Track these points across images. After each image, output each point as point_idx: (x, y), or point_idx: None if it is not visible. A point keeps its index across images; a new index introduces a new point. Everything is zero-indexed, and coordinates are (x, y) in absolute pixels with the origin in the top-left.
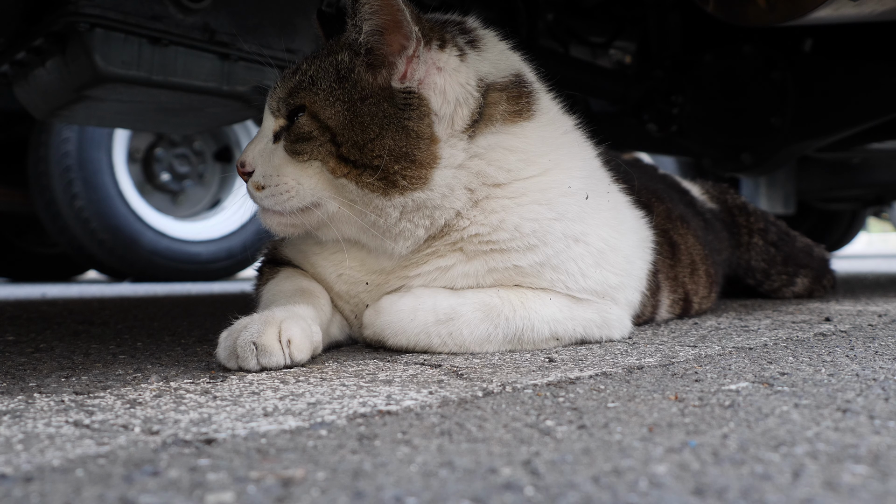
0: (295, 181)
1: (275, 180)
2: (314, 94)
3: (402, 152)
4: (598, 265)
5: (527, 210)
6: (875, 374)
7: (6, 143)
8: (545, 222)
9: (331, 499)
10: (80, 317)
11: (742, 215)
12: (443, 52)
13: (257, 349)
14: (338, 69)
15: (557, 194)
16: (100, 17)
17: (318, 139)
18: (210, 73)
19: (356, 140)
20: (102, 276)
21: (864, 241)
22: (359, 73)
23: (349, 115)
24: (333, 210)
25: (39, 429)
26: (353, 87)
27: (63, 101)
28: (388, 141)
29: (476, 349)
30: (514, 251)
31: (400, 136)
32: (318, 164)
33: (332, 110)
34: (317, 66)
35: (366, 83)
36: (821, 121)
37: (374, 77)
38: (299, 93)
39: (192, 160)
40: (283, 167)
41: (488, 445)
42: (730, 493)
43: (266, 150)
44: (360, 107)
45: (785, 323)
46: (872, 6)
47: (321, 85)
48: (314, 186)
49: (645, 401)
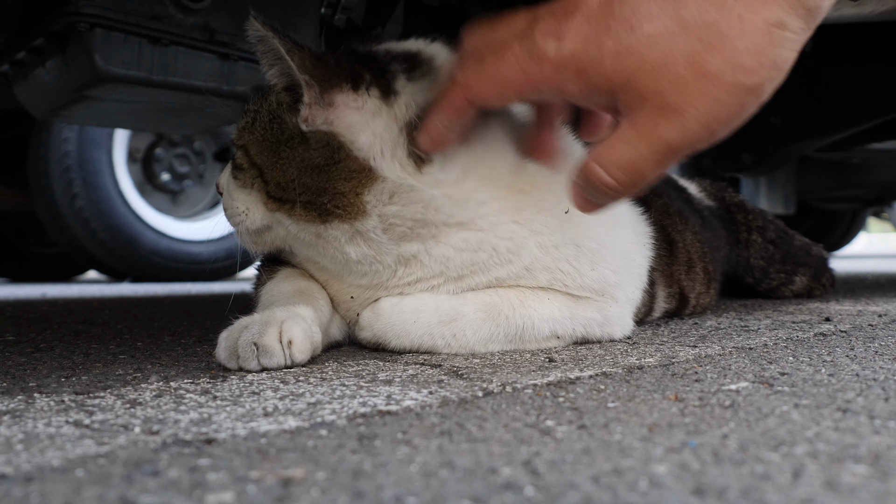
0: (244, 205)
1: (228, 202)
2: (251, 133)
3: (323, 188)
4: (594, 264)
5: (503, 231)
6: (875, 374)
7: (6, 143)
8: (519, 240)
9: (331, 499)
10: (80, 317)
11: (740, 213)
12: (357, 93)
13: (258, 350)
14: (269, 110)
15: (533, 212)
16: (100, 17)
17: (249, 171)
18: (210, 73)
19: (280, 180)
20: (102, 276)
21: (864, 241)
22: (283, 114)
23: (273, 156)
24: (281, 234)
25: (39, 429)
26: (279, 127)
27: (63, 100)
28: (306, 180)
29: (480, 349)
30: (494, 266)
31: (319, 175)
32: (255, 192)
33: (258, 148)
34: (258, 106)
35: (288, 124)
36: (821, 121)
37: (294, 117)
38: (243, 133)
39: (192, 160)
40: (234, 192)
41: (488, 445)
42: (730, 493)
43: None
44: (282, 148)
45: (785, 323)
46: (872, 6)
47: (257, 125)
48: (262, 212)
49: (645, 401)
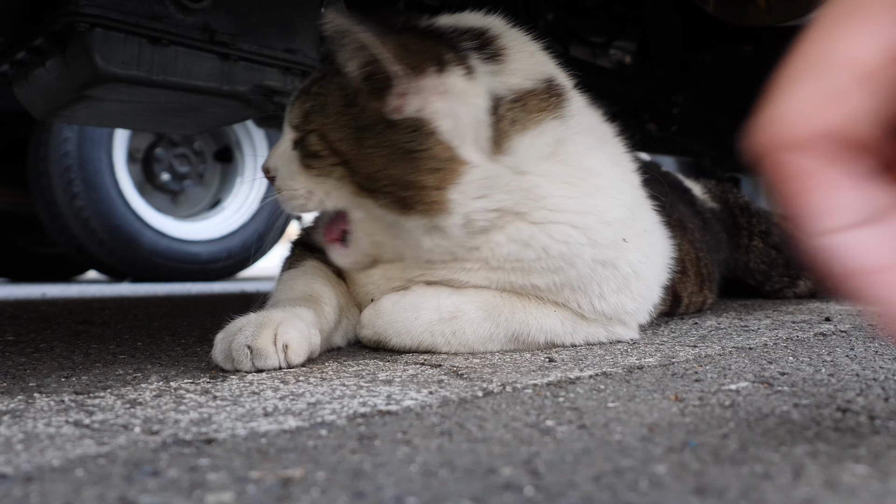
0: (307, 190)
1: (289, 185)
2: (324, 117)
3: (409, 181)
4: (619, 291)
5: (558, 231)
6: (875, 374)
7: (6, 143)
8: (576, 246)
9: (331, 499)
10: (80, 317)
11: (744, 216)
12: (442, 76)
13: (252, 352)
14: (344, 94)
15: (595, 220)
16: (100, 17)
17: (329, 158)
18: (210, 73)
19: (366, 171)
20: (102, 276)
21: None
22: (363, 99)
23: (357, 144)
24: (359, 217)
25: (39, 429)
26: (360, 112)
27: (63, 100)
28: (393, 171)
29: (479, 348)
30: (536, 271)
31: (407, 164)
32: (333, 180)
33: (339, 134)
34: (324, 88)
35: (370, 110)
36: None
37: (378, 104)
38: (312, 115)
39: (192, 160)
40: (297, 175)
41: (488, 445)
42: (730, 493)
43: (285, 155)
44: (367, 135)
45: (785, 323)
46: None
47: (330, 110)
48: (333, 198)
49: (645, 401)
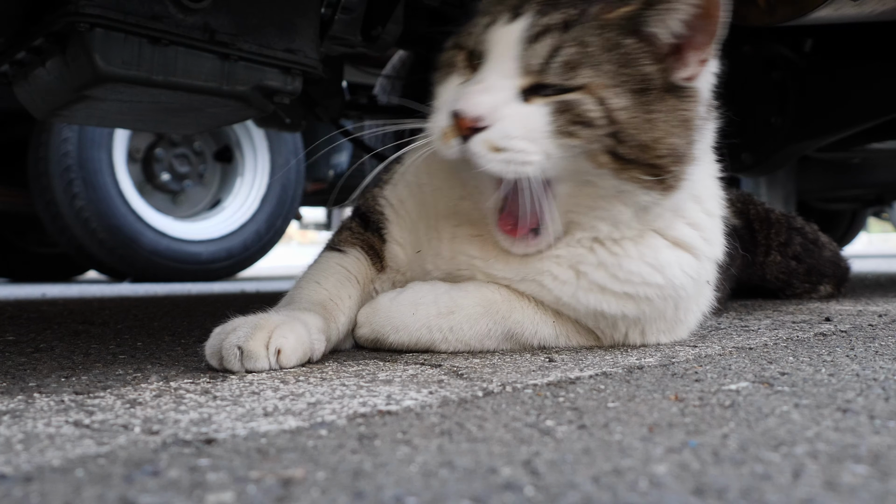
0: (543, 157)
1: (521, 146)
2: (600, 75)
3: (682, 153)
4: (662, 332)
5: (667, 255)
6: (875, 373)
7: (6, 143)
8: (681, 277)
9: (331, 499)
10: (80, 317)
11: (762, 230)
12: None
13: (242, 354)
14: (620, 52)
15: (703, 253)
16: (100, 17)
17: (601, 129)
18: (210, 73)
19: (641, 140)
20: (102, 276)
21: (864, 241)
22: (645, 61)
23: (635, 111)
24: (564, 192)
25: (39, 429)
26: (638, 75)
27: (63, 100)
28: (674, 140)
29: (476, 345)
30: (613, 294)
31: (685, 134)
32: (584, 145)
33: (620, 101)
34: (591, 41)
35: (651, 74)
36: (821, 121)
37: (657, 68)
38: (581, 68)
39: (192, 160)
40: (540, 139)
41: (488, 445)
42: (730, 493)
43: (510, 106)
44: (643, 100)
45: (785, 323)
46: (872, 6)
47: (604, 67)
48: (557, 167)
49: (645, 401)
